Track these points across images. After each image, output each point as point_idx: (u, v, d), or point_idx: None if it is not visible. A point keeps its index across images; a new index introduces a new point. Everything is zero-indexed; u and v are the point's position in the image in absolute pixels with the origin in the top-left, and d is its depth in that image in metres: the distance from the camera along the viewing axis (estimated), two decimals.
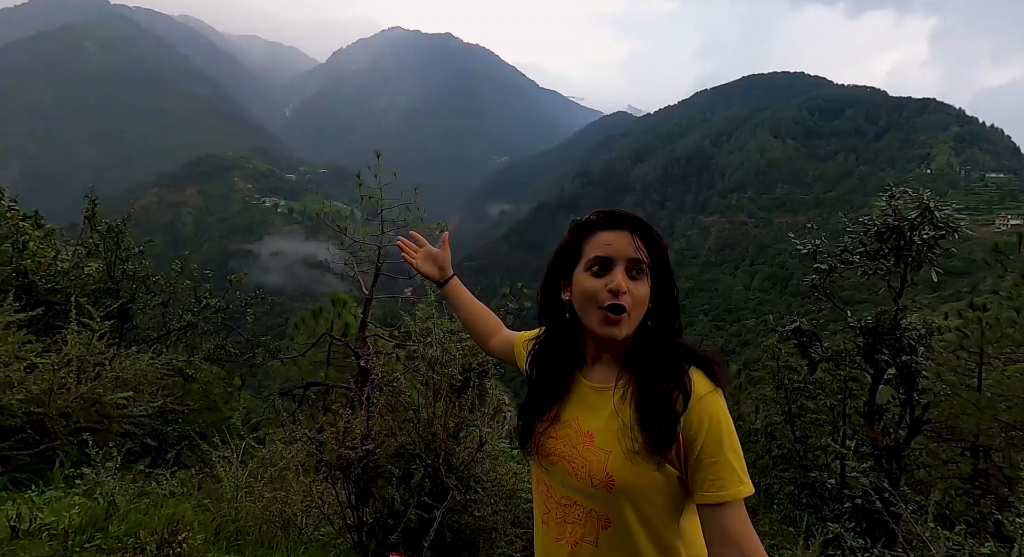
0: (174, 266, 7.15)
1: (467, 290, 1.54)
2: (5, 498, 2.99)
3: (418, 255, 1.59)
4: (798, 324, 5.60)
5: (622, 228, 1.01)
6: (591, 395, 1.05)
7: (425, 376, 2.86)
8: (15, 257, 5.81)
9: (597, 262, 1.00)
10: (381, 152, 7.84)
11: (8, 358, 4.04)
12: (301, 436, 2.76)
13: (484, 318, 1.50)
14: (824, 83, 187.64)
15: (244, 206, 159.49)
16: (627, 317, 0.98)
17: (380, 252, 7.51)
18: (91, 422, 4.43)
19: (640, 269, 0.99)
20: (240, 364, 8.23)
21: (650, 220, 1.05)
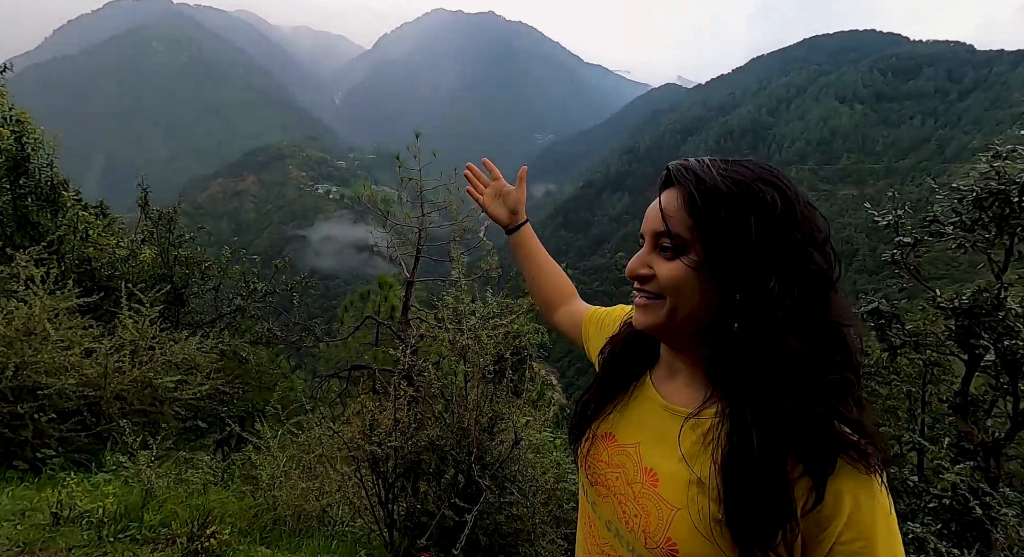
0: (224, 252, 7.33)
1: (539, 243, 1.23)
2: (55, 481, 3.08)
3: (487, 191, 1.28)
4: (876, 304, 5.00)
5: (671, 187, 0.73)
6: (663, 416, 0.76)
7: (454, 367, 2.66)
8: (78, 245, 6.08)
9: (640, 237, 0.77)
10: (422, 134, 7.68)
11: (67, 343, 4.20)
12: (326, 430, 2.64)
13: (555, 280, 1.19)
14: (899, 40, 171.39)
15: (299, 193, 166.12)
16: (661, 303, 0.72)
17: (421, 234, 7.41)
18: (144, 405, 4.58)
19: (665, 244, 0.71)
20: (289, 347, 8.44)
21: None
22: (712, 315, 0.69)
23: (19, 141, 5.57)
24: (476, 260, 7.07)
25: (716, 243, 0.67)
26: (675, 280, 0.69)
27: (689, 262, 0.68)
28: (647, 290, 0.73)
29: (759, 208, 0.66)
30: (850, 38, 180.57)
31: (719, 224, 0.66)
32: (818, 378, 0.64)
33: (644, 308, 0.73)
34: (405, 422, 2.58)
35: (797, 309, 0.65)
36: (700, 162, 0.71)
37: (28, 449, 3.57)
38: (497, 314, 3.62)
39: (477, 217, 7.36)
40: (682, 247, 0.69)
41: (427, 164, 7.28)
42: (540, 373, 8.59)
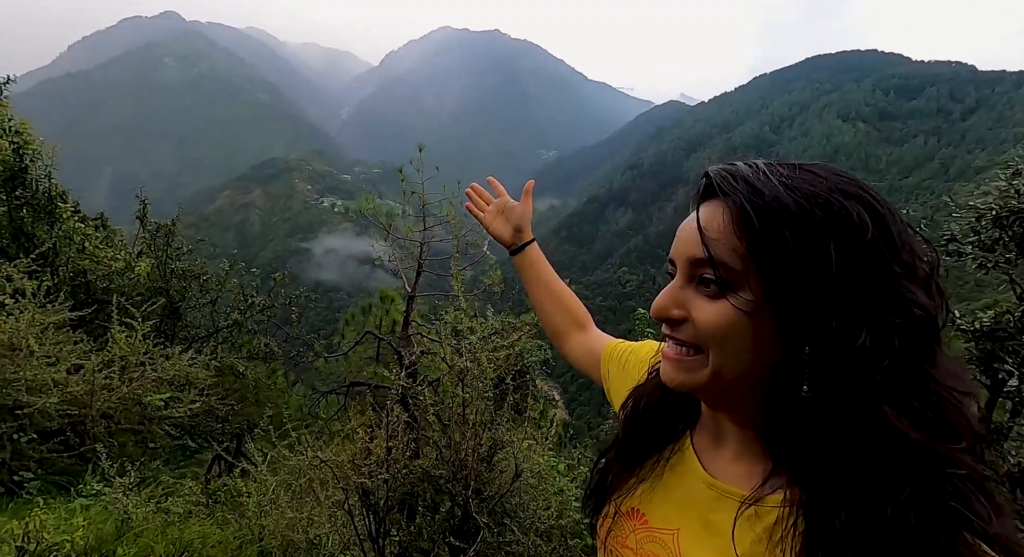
0: (222, 265, 7.22)
1: (548, 264, 1.06)
2: (31, 505, 2.91)
3: (490, 208, 1.13)
4: None
5: (715, 199, 0.54)
6: (709, 497, 0.58)
7: (453, 389, 2.50)
8: (73, 257, 5.98)
9: (670, 266, 0.58)
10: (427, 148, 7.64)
11: (52, 358, 4.06)
12: (313, 460, 2.47)
13: (567, 306, 1.01)
14: (900, 60, 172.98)
15: (304, 206, 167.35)
16: (696, 358, 0.54)
17: (423, 248, 7.32)
18: (133, 423, 4.41)
19: (708, 278, 0.52)
20: (287, 362, 8.28)
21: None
22: (772, 374, 0.51)
23: (17, 152, 5.51)
24: (479, 274, 6.94)
25: (781, 277, 0.48)
26: (720, 327, 0.51)
27: (740, 303, 0.50)
28: (679, 338, 0.55)
29: (842, 231, 0.48)
30: (851, 57, 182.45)
31: (785, 252, 0.48)
32: (933, 471, 0.46)
33: (677, 363, 0.56)
34: (399, 451, 2.41)
35: (896, 370, 0.47)
36: (753, 167, 0.53)
37: (4, 471, 3.40)
38: (498, 332, 3.47)
39: (480, 232, 7.25)
40: (730, 281, 0.51)
41: (430, 178, 7.21)
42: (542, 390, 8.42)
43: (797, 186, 0.50)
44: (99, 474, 3.05)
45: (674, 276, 0.57)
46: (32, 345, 3.76)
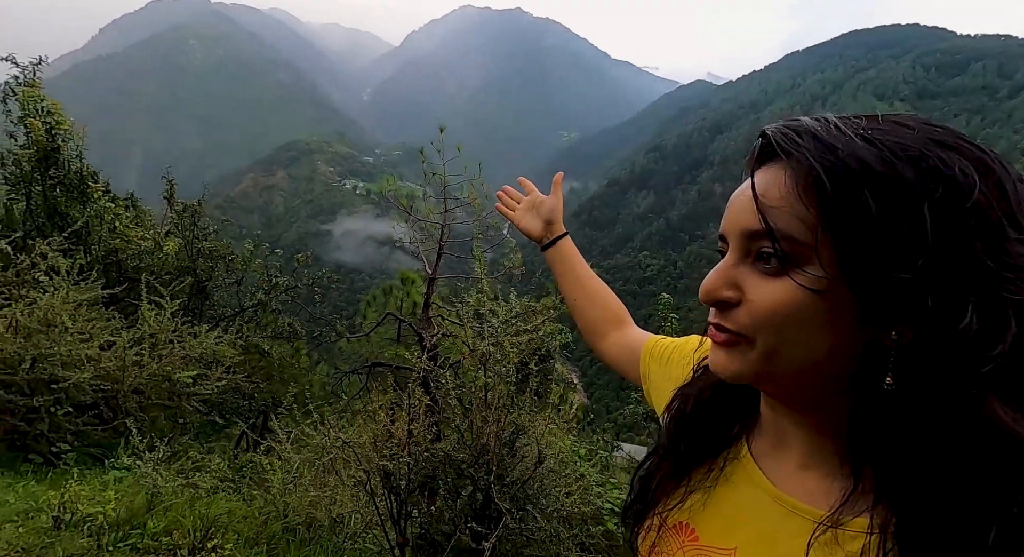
0: (247, 246, 7.32)
1: (581, 258, 0.99)
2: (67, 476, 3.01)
3: (520, 205, 1.07)
4: None
5: (774, 162, 0.46)
6: (775, 513, 0.50)
7: (474, 373, 2.47)
8: (105, 236, 6.12)
9: (721, 243, 0.51)
10: (447, 129, 7.57)
11: (86, 334, 4.17)
12: (335, 441, 2.48)
13: (603, 302, 0.94)
14: (945, 35, 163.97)
15: (327, 188, 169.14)
16: (746, 345, 0.46)
17: (444, 230, 7.28)
18: (163, 399, 4.53)
19: (767, 251, 0.44)
20: (310, 342, 8.41)
21: (730, 196, 0.49)
22: (849, 365, 0.43)
23: (50, 132, 5.61)
24: (499, 257, 6.90)
25: (862, 248, 0.40)
26: (780, 310, 0.43)
27: (808, 281, 0.42)
28: (728, 327, 0.47)
29: (939, 189, 0.39)
30: (891, 33, 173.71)
31: (867, 218, 0.39)
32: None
33: (727, 349, 0.47)
34: (420, 434, 2.40)
35: (1011, 359, 0.38)
36: (822, 121, 0.44)
37: (44, 442, 3.53)
38: (520, 315, 3.42)
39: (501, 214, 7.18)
40: (795, 256, 0.42)
41: (451, 159, 7.14)
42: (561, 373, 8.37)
43: (879, 139, 0.41)
44: (131, 448, 3.14)
45: (725, 254, 0.49)
46: (66, 321, 3.86)
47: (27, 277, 4.17)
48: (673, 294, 12.29)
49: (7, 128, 6.14)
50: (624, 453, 10.40)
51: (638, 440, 15.14)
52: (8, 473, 3.19)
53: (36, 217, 5.79)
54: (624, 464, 9.74)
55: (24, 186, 5.76)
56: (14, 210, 5.83)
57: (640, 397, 9.36)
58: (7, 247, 4.34)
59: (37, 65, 6.75)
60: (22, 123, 6.03)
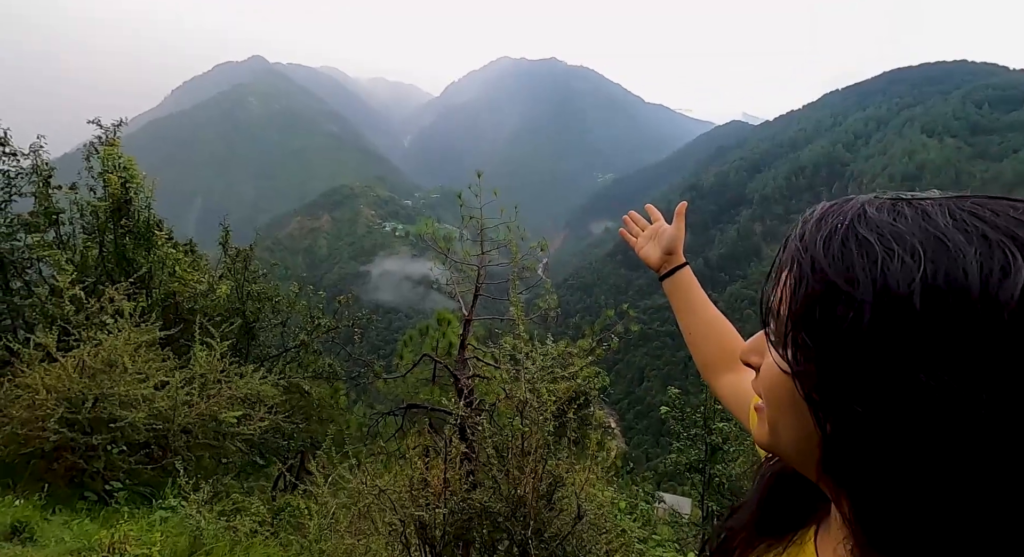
0: (292, 287, 7.63)
1: (701, 290, 0.98)
2: (119, 515, 3.12)
3: (644, 233, 1.09)
4: None
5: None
6: None
7: (511, 420, 2.44)
8: (165, 280, 6.53)
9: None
10: (484, 173, 7.82)
11: (143, 375, 4.40)
12: (371, 489, 2.48)
13: (717, 338, 0.91)
14: (995, 70, 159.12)
15: (368, 231, 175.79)
16: (763, 412, 0.47)
17: (480, 272, 7.40)
18: (208, 438, 4.67)
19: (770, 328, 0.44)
20: (348, 382, 8.54)
21: (771, 235, 0.44)
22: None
23: (124, 186, 6.16)
24: (534, 298, 6.91)
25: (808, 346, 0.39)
26: (766, 380, 0.44)
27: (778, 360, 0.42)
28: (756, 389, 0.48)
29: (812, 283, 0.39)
30: (936, 69, 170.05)
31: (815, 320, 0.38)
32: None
33: (758, 415, 0.48)
34: (456, 483, 2.37)
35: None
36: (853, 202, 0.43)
37: (99, 480, 3.68)
38: (558, 360, 3.39)
39: (536, 255, 7.27)
40: (781, 335, 0.42)
41: (488, 203, 7.33)
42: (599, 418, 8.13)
43: (881, 231, 0.38)
44: (177, 488, 3.23)
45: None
46: (126, 362, 4.09)
47: (95, 320, 4.49)
48: None
49: (88, 182, 6.79)
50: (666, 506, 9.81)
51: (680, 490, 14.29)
52: (65, 510, 3.33)
53: (107, 263, 6.27)
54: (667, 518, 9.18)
55: (99, 235, 6.28)
56: (88, 256, 6.34)
57: (682, 445, 8.92)
58: (80, 292, 4.70)
59: (118, 126, 7.50)
60: (101, 178, 6.66)
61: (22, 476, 3.58)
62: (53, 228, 6.67)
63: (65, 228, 6.81)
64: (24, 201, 6.72)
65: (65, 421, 3.74)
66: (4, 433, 3.52)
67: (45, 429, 3.51)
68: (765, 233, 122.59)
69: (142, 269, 5.89)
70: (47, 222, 6.43)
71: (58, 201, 6.72)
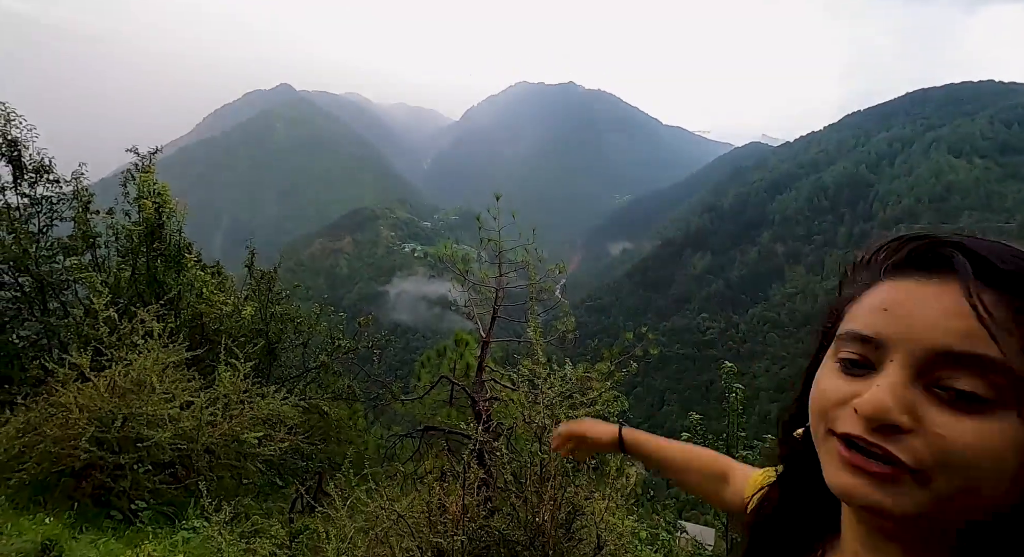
0: (313, 308, 7.78)
1: (655, 440, 1.01)
2: (143, 534, 3.17)
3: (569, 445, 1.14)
4: None
5: (938, 273, 0.43)
6: None
7: (530, 447, 2.44)
8: (193, 302, 6.73)
9: (855, 345, 0.45)
10: (503, 195, 7.93)
11: (169, 395, 4.51)
12: (390, 513, 2.49)
13: (697, 467, 0.94)
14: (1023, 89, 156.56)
15: (388, 251, 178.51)
16: (912, 480, 0.40)
17: (497, 294, 7.43)
18: (231, 459, 4.74)
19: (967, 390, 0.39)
20: (366, 403, 8.59)
21: (793, 256, 0.42)
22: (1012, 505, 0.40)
23: (158, 211, 6.43)
24: (552, 319, 6.91)
25: None
26: (980, 452, 0.38)
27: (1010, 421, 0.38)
28: (898, 457, 0.40)
29: None
30: (962, 90, 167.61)
31: None
32: None
33: (882, 482, 0.41)
34: (474, 509, 2.37)
35: None
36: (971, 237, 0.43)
37: (124, 499, 3.76)
38: (576, 386, 3.38)
39: (554, 277, 7.30)
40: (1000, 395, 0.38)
41: (506, 225, 7.42)
42: None
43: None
44: (199, 508, 3.27)
45: (860, 364, 0.44)
46: (155, 382, 4.21)
47: (127, 341, 4.64)
48: (736, 360, 11.57)
49: (124, 208, 7.10)
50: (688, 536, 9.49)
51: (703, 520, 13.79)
52: (92, 529, 3.40)
53: (139, 284, 6.50)
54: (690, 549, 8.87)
55: (132, 257, 6.54)
56: (121, 278, 6.59)
57: None
58: (114, 314, 4.88)
59: (153, 154, 7.86)
60: (136, 203, 6.96)
61: (52, 494, 3.68)
62: (90, 251, 6.97)
63: (101, 251, 7.11)
64: (64, 225, 7.06)
65: (95, 440, 3.85)
66: (38, 451, 3.64)
67: (77, 447, 3.62)
68: (787, 254, 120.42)
69: (172, 291, 6.09)
70: (84, 245, 6.73)
71: (95, 225, 7.04)
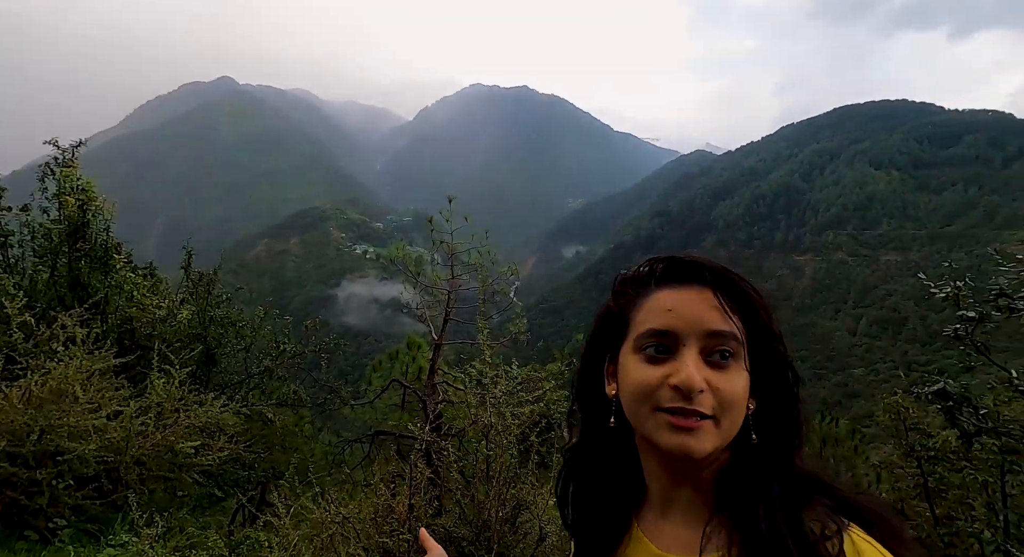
0: (257, 312, 7.47)
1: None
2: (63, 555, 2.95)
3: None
4: (942, 385, 4.54)
5: (695, 283, 0.63)
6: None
7: (477, 444, 2.47)
8: (122, 305, 6.31)
9: (654, 339, 0.62)
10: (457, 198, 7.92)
11: (95, 405, 4.22)
12: (335, 516, 2.46)
13: None
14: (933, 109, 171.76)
15: (338, 253, 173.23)
16: (712, 424, 0.59)
17: (450, 297, 7.42)
18: (163, 470, 4.48)
19: (728, 350, 0.60)
20: (314, 409, 8.33)
21: (735, 260, 0.66)
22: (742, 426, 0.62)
23: (82, 208, 5.99)
24: (506, 321, 6.97)
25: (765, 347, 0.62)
26: (740, 393, 0.60)
27: (748, 369, 0.61)
28: (700, 410, 0.58)
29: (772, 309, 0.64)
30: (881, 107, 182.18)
31: (766, 327, 0.62)
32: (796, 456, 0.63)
33: (695, 431, 0.59)
34: (421, 509, 2.37)
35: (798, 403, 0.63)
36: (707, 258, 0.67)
37: (41, 518, 3.48)
38: (523, 384, 3.44)
39: (507, 280, 7.37)
40: (739, 354, 0.61)
41: (459, 228, 7.42)
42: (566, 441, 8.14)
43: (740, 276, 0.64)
44: (128, 523, 3.08)
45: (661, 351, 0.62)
46: (78, 392, 3.93)
47: (44, 348, 4.30)
48: None
49: (42, 205, 6.55)
50: None
51: None
52: (3, 551, 3.12)
53: (59, 287, 6.03)
54: None
55: (50, 258, 6.05)
56: (38, 281, 6.09)
57: None
58: (30, 319, 4.51)
59: (76, 147, 7.31)
60: (56, 199, 6.45)
61: None
62: (1, 251, 6.38)
63: (14, 251, 6.53)
64: None
65: (6, 455, 3.54)
66: None
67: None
68: (730, 259, 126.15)
69: (98, 294, 5.68)
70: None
71: (7, 223, 6.46)
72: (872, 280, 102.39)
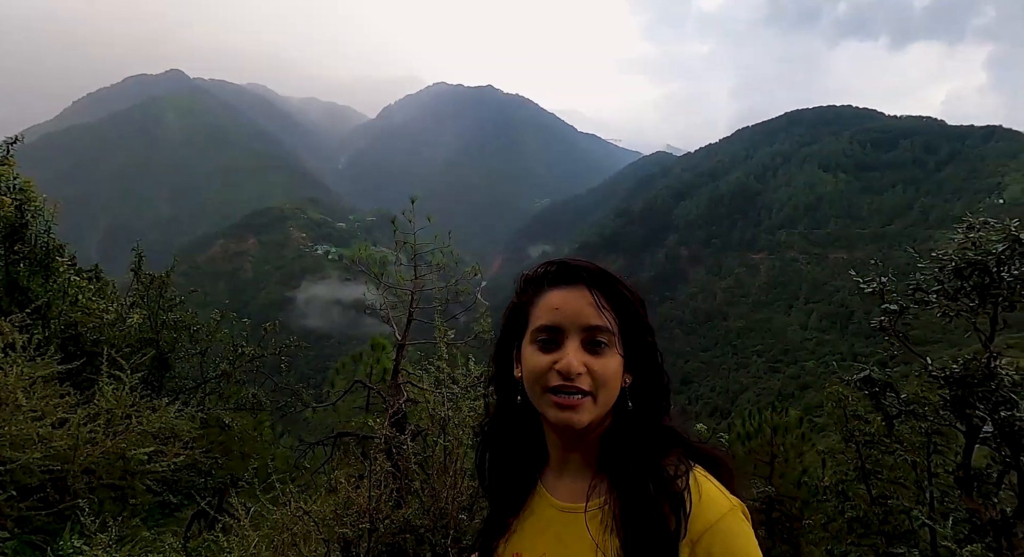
0: (213, 315, 7.28)
1: None
2: None
3: None
4: (868, 372, 4.94)
5: (576, 284, 0.79)
6: (559, 519, 0.79)
7: (436, 438, 2.57)
8: (66, 310, 6.05)
9: (544, 333, 0.79)
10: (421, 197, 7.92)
11: (39, 412, 4.06)
12: (296, 510, 2.50)
13: None
14: (874, 115, 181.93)
15: (298, 254, 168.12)
16: (591, 400, 0.76)
17: (413, 297, 7.42)
18: (114, 479, 4.35)
19: (602, 340, 0.77)
20: (275, 413, 8.18)
21: (696, 258, 0.83)
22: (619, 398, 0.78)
23: (19, 209, 5.70)
24: (471, 320, 7.04)
25: (635, 334, 0.78)
26: (614, 373, 0.76)
27: (621, 353, 0.77)
28: (580, 388, 0.75)
29: (643, 303, 0.80)
30: (828, 113, 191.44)
31: (637, 317, 0.78)
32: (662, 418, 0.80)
33: (577, 407, 0.75)
34: (382, 501, 2.45)
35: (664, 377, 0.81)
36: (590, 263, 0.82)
37: None
38: (481, 380, 3.55)
39: (472, 279, 7.44)
40: (613, 343, 0.76)
41: (423, 228, 7.43)
42: None
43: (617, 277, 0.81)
44: (77, 532, 3.01)
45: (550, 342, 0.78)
46: (20, 399, 3.78)
47: None
48: None
49: None
50: None
51: None
52: None
53: None
54: None
55: None
56: None
57: None
58: None
59: (12, 144, 6.94)
60: None
61: None
62: None
63: None
64: None
65: None
66: None
67: None
68: (690, 257, 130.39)
69: (39, 299, 5.43)
70: None
71: None
72: (822, 277, 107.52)
